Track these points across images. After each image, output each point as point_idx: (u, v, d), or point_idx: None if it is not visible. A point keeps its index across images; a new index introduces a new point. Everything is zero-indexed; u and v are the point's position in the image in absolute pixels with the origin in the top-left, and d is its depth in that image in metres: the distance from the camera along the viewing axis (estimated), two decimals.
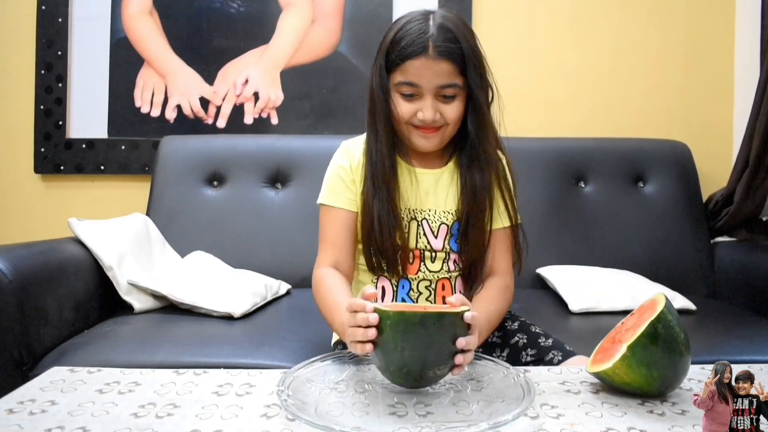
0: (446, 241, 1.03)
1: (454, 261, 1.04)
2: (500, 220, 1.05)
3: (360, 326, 0.71)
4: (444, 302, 0.98)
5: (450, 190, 1.04)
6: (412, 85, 0.95)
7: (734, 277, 1.65)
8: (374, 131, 1.01)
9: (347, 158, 1.05)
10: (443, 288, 1.04)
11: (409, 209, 1.02)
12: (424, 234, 1.02)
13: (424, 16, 0.96)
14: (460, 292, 1.04)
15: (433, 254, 1.03)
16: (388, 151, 1.00)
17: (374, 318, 0.70)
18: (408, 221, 1.02)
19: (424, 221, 1.03)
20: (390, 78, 0.98)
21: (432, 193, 1.04)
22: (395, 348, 0.70)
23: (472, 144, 1.00)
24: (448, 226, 1.03)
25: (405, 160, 1.05)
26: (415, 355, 0.70)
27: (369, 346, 0.71)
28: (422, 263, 1.03)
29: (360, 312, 0.72)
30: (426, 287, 1.04)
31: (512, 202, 1.05)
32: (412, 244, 1.02)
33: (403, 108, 0.97)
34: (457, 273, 1.04)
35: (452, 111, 0.97)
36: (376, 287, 1.04)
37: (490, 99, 1.01)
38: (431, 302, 1.04)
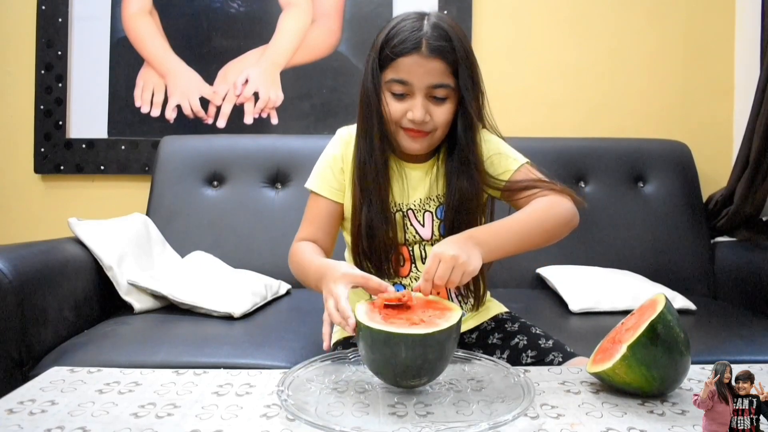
0: (435, 228, 1.02)
1: None
2: (507, 172, 1.02)
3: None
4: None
5: (437, 183, 1.02)
6: (403, 83, 0.94)
7: (734, 277, 1.65)
8: (366, 133, 0.99)
9: (341, 146, 1.05)
10: (438, 293, 1.02)
11: (395, 203, 1.02)
12: (411, 224, 1.02)
13: (419, 16, 0.95)
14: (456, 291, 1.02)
15: (423, 247, 1.02)
16: (382, 154, 0.98)
17: (352, 322, 0.74)
18: (394, 214, 1.01)
19: (410, 211, 1.02)
20: (382, 76, 0.96)
21: (420, 187, 1.03)
22: (367, 355, 0.72)
23: (461, 149, 0.98)
24: (432, 212, 1.02)
25: (394, 155, 1.03)
26: (384, 366, 0.72)
27: (352, 322, 0.74)
28: (413, 264, 1.02)
29: (339, 314, 0.76)
30: None
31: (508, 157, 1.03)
32: (400, 238, 1.01)
33: (393, 107, 0.96)
34: None
35: (442, 113, 0.95)
36: None
37: (481, 104, 0.98)
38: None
